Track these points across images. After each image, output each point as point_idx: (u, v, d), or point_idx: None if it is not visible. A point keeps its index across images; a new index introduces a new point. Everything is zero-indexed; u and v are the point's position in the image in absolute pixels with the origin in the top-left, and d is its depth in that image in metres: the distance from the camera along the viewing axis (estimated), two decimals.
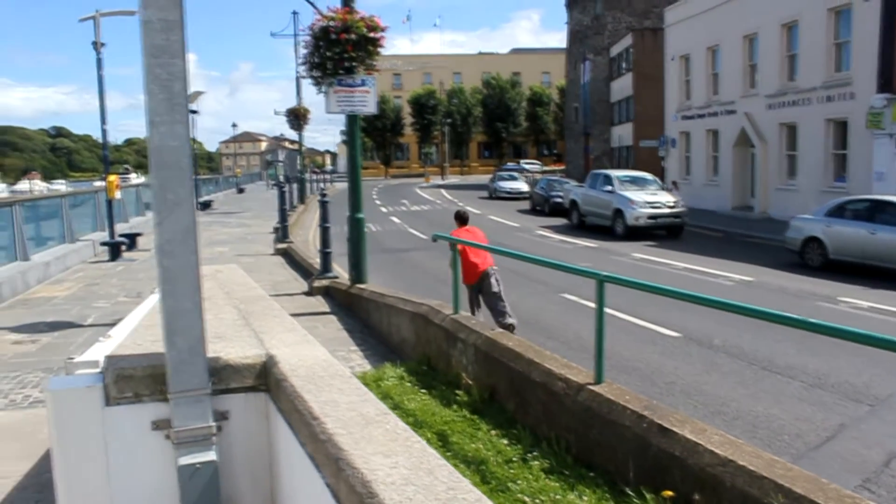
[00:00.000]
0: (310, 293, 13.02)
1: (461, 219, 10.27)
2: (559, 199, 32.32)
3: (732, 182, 31.40)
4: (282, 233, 20.94)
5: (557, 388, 5.60)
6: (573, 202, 28.23)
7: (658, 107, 39.03)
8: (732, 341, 9.98)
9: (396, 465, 2.37)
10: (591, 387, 5.37)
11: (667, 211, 23.67)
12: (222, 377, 3.66)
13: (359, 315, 10.88)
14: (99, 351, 3.98)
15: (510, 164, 76.08)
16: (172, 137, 3.50)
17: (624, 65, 49.19)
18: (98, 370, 3.68)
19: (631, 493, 4.66)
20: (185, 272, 3.50)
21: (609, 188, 24.97)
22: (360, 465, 2.37)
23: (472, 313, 9.49)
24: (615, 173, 26.63)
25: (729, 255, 19.24)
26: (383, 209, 38.66)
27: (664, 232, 24.04)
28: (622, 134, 49.87)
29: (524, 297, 13.56)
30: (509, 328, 8.92)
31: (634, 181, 25.49)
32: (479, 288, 9.63)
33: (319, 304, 12.21)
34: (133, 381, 3.62)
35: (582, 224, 26.96)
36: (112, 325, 10.07)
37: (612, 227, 24.29)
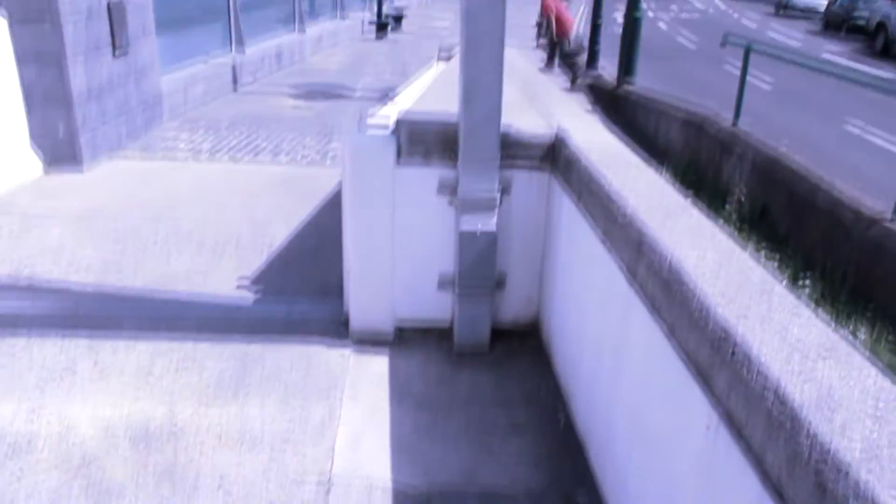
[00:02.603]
0: (571, 88, 12.74)
1: None
2: (862, 20, 27.75)
3: None
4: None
5: (845, 218, 5.15)
6: (880, 24, 23.75)
7: None
8: None
9: (704, 258, 2.23)
10: (889, 223, 4.88)
11: None
12: (510, 151, 3.65)
13: (622, 115, 10.50)
14: (390, 111, 4.06)
15: None
16: None
17: None
18: (391, 129, 3.78)
19: None
20: (490, 40, 3.44)
21: None
22: (665, 250, 2.27)
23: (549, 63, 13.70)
24: None
25: None
26: (650, 13, 36.32)
27: None
28: None
29: (797, 120, 12.45)
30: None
31: None
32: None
33: (581, 99, 11.94)
34: (424, 142, 3.70)
35: (886, 50, 22.81)
36: (381, 96, 10.54)
37: None
